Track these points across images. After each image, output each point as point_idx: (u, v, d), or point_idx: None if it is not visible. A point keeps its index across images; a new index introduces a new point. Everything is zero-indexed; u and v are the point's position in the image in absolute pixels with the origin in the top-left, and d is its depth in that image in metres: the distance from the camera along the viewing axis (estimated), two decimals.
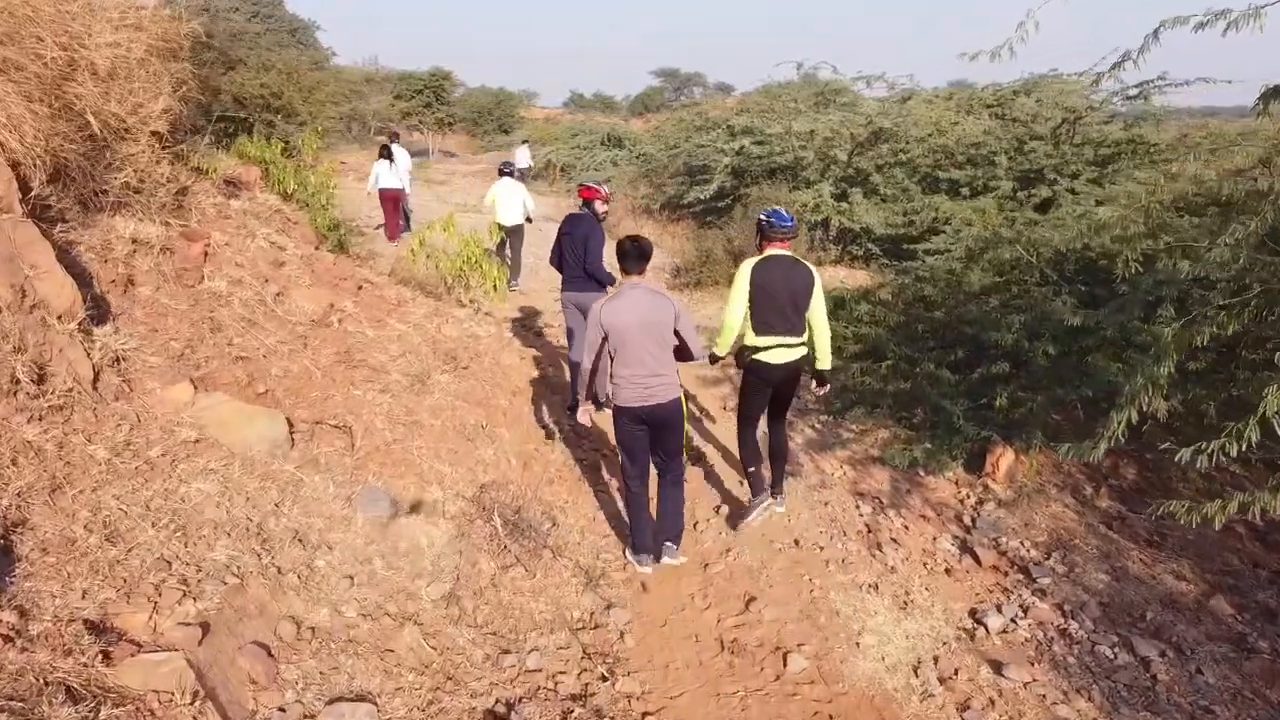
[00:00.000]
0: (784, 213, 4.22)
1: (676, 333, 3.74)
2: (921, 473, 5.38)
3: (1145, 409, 2.96)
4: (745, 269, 4.15)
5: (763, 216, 4.25)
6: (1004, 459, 5.27)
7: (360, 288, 5.46)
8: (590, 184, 5.80)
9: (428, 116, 25.82)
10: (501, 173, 9.44)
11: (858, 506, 4.94)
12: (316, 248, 5.73)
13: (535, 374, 6.15)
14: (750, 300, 4.12)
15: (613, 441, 5.63)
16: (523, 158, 19.78)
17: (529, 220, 9.49)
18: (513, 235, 9.19)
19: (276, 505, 3.30)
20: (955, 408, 5.48)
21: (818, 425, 6.12)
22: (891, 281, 7.13)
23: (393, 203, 11.12)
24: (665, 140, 17.76)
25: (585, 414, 4.04)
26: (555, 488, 4.72)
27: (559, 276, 5.68)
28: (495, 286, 6.74)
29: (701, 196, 12.17)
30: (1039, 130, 10.59)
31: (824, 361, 4.40)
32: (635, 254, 3.75)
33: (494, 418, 4.91)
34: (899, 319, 6.31)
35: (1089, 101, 10.66)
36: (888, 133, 11.08)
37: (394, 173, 10.83)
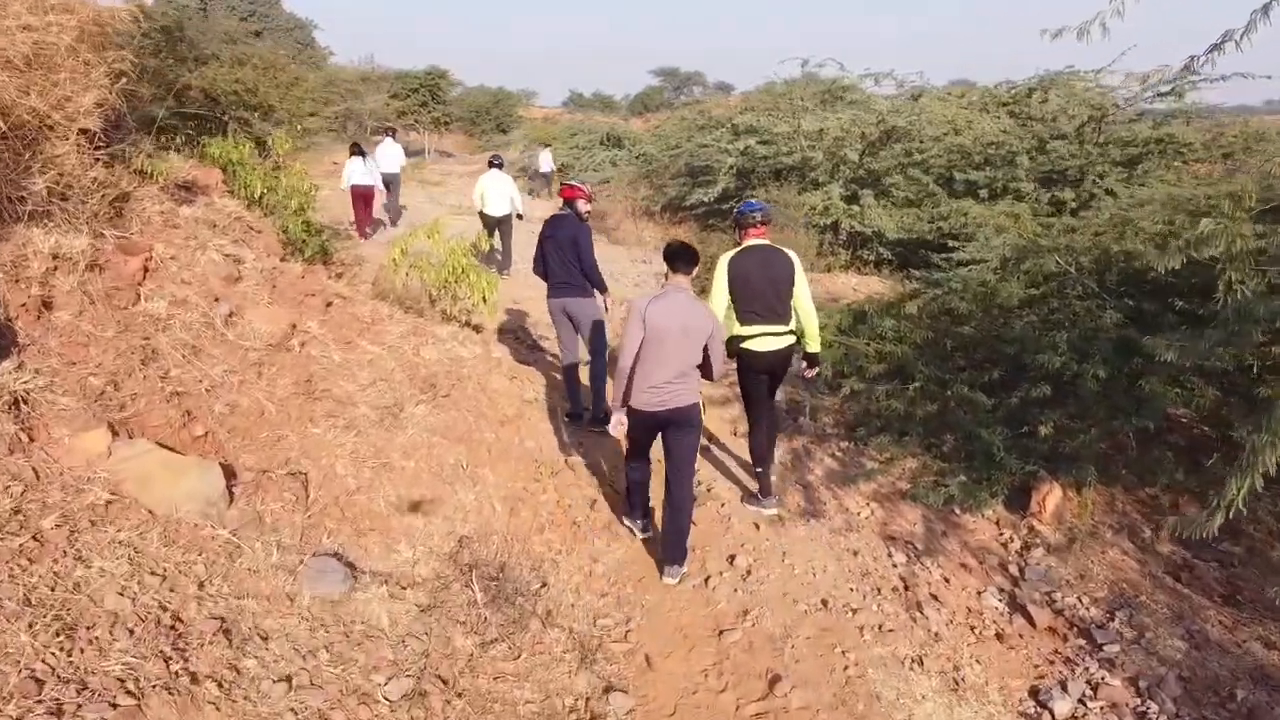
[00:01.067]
0: (754, 201, 4.38)
1: (705, 347, 3.66)
2: (957, 510, 4.77)
3: (1274, 470, 2.35)
4: (723, 262, 4.20)
5: (738, 208, 4.40)
6: (1051, 497, 4.66)
7: (330, 304, 4.84)
8: (572, 183, 5.43)
9: (423, 116, 25.18)
10: (491, 165, 9.46)
11: (890, 554, 4.32)
12: (283, 259, 5.10)
13: (528, 397, 5.52)
14: (731, 292, 4.16)
15: (611, 474, 5.05)
16: (545, 161, 18.86)
17: (519, 217, 9.53)
18: (502, 225, 9.21)
19: (201, 586, 2.68)
20: (993, 437, 4.86)
21: (838, 453, 5.50)
22: (914, 292, 6.51)
23: (364, 200, 11.03)
24: (666, 140, 17.14)
25: (619, 425, 3.79)
26: (547, 535, 4.10)
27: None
28: (485, 298, 6.12)
29: (705, 199, 11.55)
30: (1061, 129, 9.98)
31: (813, 344, 4.47)
32: (687, 255, 3.71)
33: (477, 454, 4.29)
34: (926, 335, 5.69)
35: (1112, 98, 10.03)
36: (901, 132, 10.46)
37: (367, 170, 10.81)
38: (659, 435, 3.86)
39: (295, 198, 5.92)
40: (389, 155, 11.65)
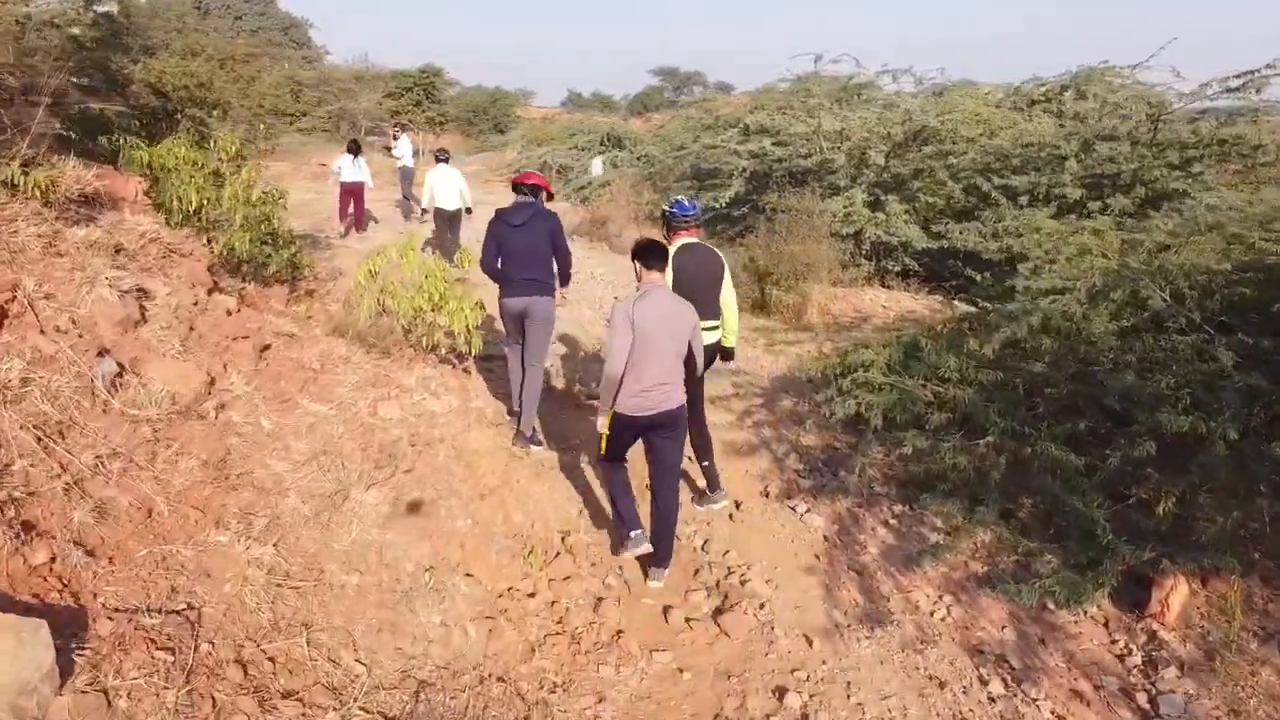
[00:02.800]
0: (686, 202, 4.33)
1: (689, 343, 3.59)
2: (1050, 603, 3.75)
3: None
4: (670, 254, 4.04)
5: (666, 208, 4.33)
6: (1176, 594, 3.64)
7: (267, 348, 3.80)
8: (534, 170, 5.34)
9: (417, 115, 24.09)
10: (437, 160, 9.83)
11: (982, 680, 3.30)
12: (214, 289, 4.07)
13: (521, 454, 4.50)
14: (674, 285, 3.97)
15: (618, 558, 4.02)
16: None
17: (468, 211, 9.68)
18: (452, 220, 9.51)
19: None
20: (1093, 510, 3.85)
21: (893, 520, 4.48)
22: (967, 318, 5.49)
23: (352, 196, 11.26)
24: (670, 141, 16.11)
25: (604, 423, 3.60)
26: (538, 660, 3.07)
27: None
28: (469, 330, 5.09)
29: (717, 205, 10.50)
30: (1107, 128, 8.95)
31: (730, 339, 4.46)
32: (659, 251, 3.61)
33: (447, 552, 3.26)
34: (994, 375, 4.67)
35: (1158, 94, 9.00)
36: (930, 132, 9.42)
37: (356, 167, 11.05)
38: (650, 447, 3.68)
39: (241, 209, 4.87)
40: (404, 150, 12.51)
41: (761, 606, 3.62)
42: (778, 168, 10.89)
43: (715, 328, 4.29)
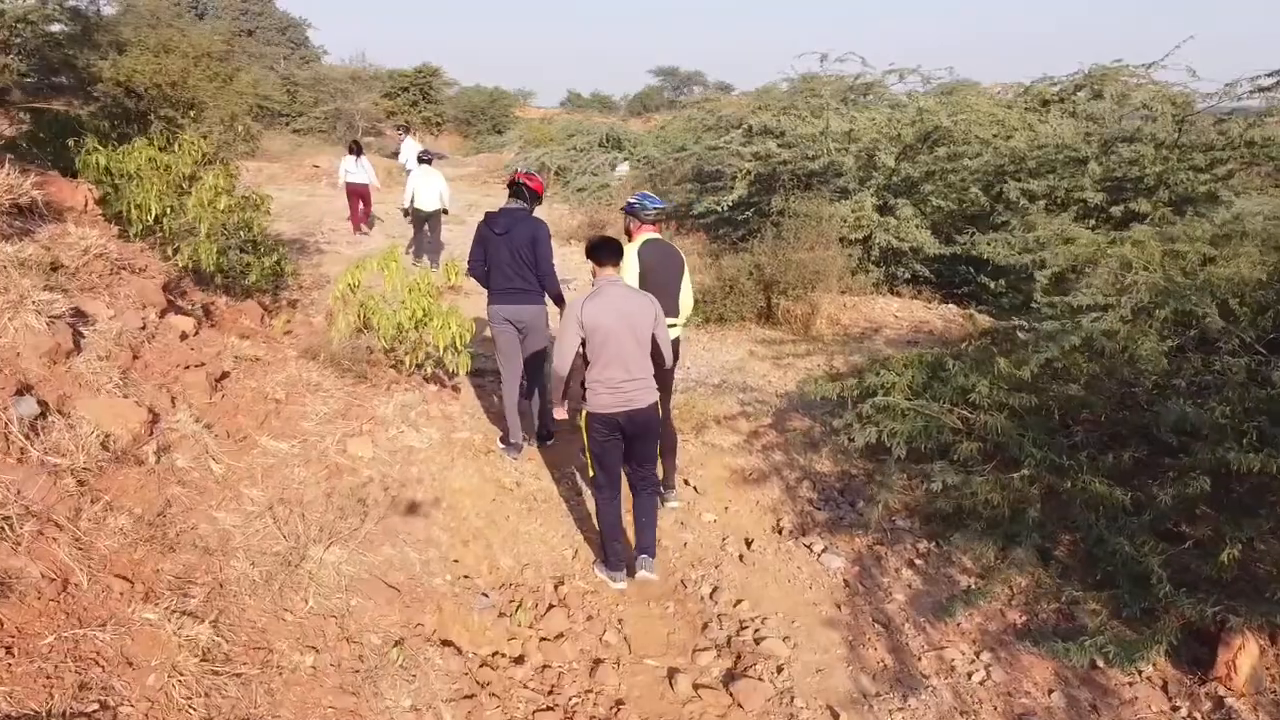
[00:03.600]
0: (653, 196, 4.25)
1: (652, 336, 3.50)
2: (1099, 661, 3.33)
3: None
4: (633, 250, 4.04)
5: (633, 200, 4.22)
6: (1244, 655, 3.22)
7: (225, 375, 3.38)
8: (530, 171, 4.76)
9: (414, 115, 23.61)
10: (420, 161, 9.91)
11: None
12: (165, 312, 3.64)
13: (508, 481, 4.09)
14: (641, 280, 3.95)
15: (616, 611, 3.60)
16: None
17: (445, 212, 9.87)
18: (431, 219, 9.57)
19: None
20: (1146, 554, 3.43)
21: (918, 560, 4.06)
22: (993, 334, 5.08)
23: (358, 197, 11.42)
24: (670, 142, 15.69)
25: (563, 410, 3.65)
26: None
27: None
28: (457, 347, 4.67)
29: (720, 209, 10.06)
30: (1128, 129, 8.54)
31: (676, 330, 4.31)
32: (611, 247, 3.51)
33: (422, 617, 2.83)
34: (1027, 400, 4.24)
35: (1182, 94, 8.59)
36: (943, 133, 9.00)
37: (360, 168, 11.15)
38: (626, 445, 3.55)
39: (206, 217, 4.45)
40: (408, 153, 12.00)
41: (779, 670, 3.19)
42: (782, 170, 10.46)
43: (675, 325, 4.23)
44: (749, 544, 4.11)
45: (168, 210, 4.41)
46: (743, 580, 3.80)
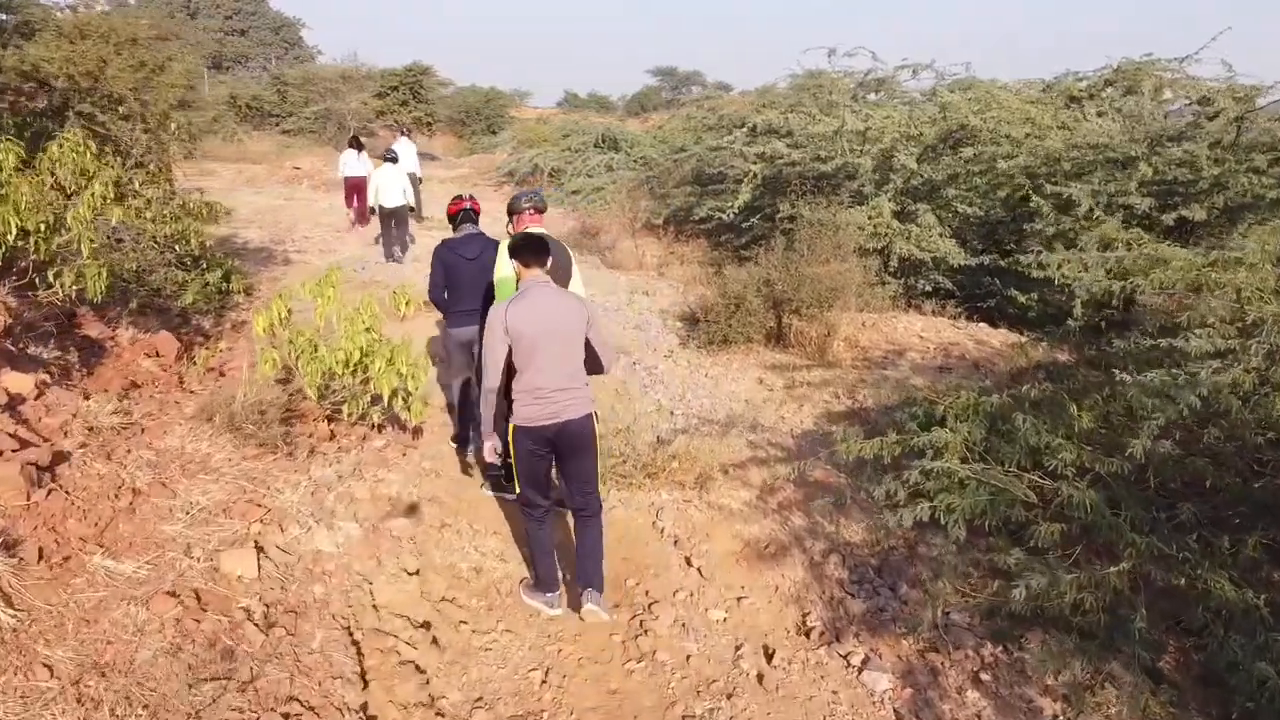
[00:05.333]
0: (532, 191, 4.27)
1: (587, 341, 3.21)
2: None
3: None
4: (506, 244, 3.76)
5: (517, 196, 4.19)
6: None
7: (60, 459, 2.44)
8: (466, 194, 4.73)
9: (404, 115, 22.63)
10: (385, 159, 10.06)
11: None
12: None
13: (469, 574, 3.15)
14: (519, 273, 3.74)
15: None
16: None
17: (412, 210, 10.13)
18: (396, 215, 9.62)
19: None
20: None
21: (985, 674, 3.13)
22: (1061, 372, 4.15)
23: (356, 190, 11.32)
24: (669, 143, 14.76)
25: (492, 449, 3.21)
26: None
27: None
28: (406, 398, 3.75)
29: (721, 215, 9.11)
30: (1173, 127, 7.62)
31: None
32: (535, 246, 3.24)
33: None
34: (1118, 465, 3.31)
35: (1249, 89, 7.66)
36: (970, 131, 8.07)
37: (360, 161, 11.23)
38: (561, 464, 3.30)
39: (87, 236, 3.50)
40: (406, 155, 11.74)
41: None
42: (790, 172, 9.53)
43: None
44: (769, 656, 3.18)
45: (42, 227, 3.46)
46: (763, 715, 2.87)
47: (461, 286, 4.26)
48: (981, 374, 6.10)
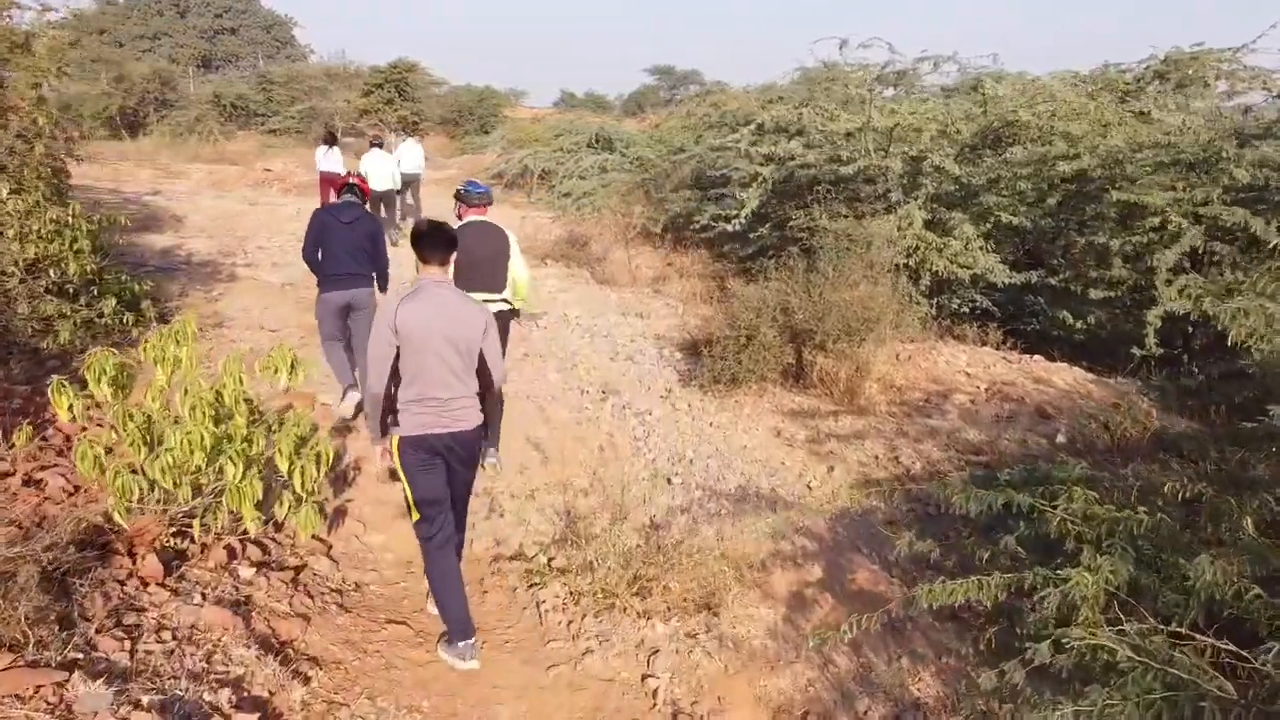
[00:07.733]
0: (478, 182, 4.37)
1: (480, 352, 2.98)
2: None
3: None
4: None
5: (460, 187, 4.31)
6: None
7: None
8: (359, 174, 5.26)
9: (389, 114, 21.34)
10: (371, 145, 10.13)
11: None
12: None
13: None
14: (456, 263, 3.66)
15: None
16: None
17: (399, 192, 10.30)
18: (385, 198, 9.74)
19: None
20: None
21: None
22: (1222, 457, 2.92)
23: (330, 185, 10.94)
24: (667, 142, 13.51)
25: (384, 452, 2.95)
26: None
27: None
28: (304, 492, 2.52)
29: (731, 227, 7.84)
30: (1258, 123, 6.41)
31: (519, 303, 4.35)
32: (441, 238, 2.92)
33: None
34: None
35: None
36: (1019, 127, 6.85)
37: (331, 158, 10.93)
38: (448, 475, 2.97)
39: None
40: (411, 155, 11.28)
41: None
42: (802, 175, 8.29)
43: (500, 299, 4.21)
44: None
45: None
46: None
47: (333, 247, 4.42)
48: (1051, 426, 4.87)
